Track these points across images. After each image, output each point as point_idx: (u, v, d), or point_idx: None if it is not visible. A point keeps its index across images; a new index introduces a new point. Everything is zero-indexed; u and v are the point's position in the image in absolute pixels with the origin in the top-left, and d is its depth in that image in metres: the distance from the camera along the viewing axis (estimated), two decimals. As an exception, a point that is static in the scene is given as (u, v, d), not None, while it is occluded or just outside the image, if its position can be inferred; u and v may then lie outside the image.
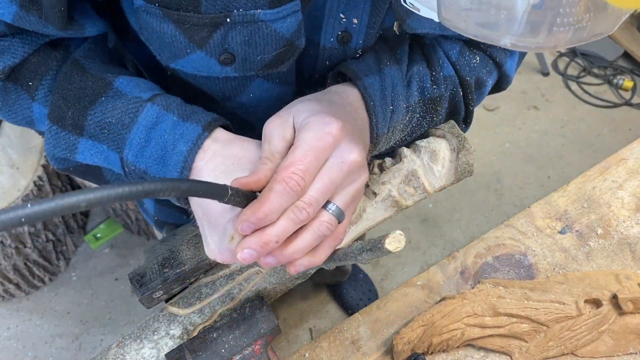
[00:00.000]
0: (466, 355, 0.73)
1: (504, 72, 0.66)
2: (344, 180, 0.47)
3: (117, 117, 0.51)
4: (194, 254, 0.61)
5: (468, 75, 0.62)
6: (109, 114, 0.52)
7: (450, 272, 0.81)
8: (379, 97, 0.54)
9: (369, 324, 0.77)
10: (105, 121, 0.52)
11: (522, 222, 0.86)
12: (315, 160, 0.44)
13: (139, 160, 0.51)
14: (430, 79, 0.60)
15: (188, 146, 0.49)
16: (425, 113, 0.61)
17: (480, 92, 0.66)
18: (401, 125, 0.59)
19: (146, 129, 0.51)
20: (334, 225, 0.47)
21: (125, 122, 0.51)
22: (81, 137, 0.53)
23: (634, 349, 0.74)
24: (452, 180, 0.61)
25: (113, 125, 0.51)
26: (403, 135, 0.61)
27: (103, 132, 0.52)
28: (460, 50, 0.62)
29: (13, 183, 1.57)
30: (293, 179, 0.43)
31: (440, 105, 0.61)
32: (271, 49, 0.51)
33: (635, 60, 2.42)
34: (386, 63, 0.57)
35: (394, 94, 0.56)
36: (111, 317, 1.85)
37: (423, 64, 0.61)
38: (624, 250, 0.83)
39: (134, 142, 0.51)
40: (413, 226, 2.01)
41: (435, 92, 0.60)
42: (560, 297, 0.73)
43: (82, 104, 0.52)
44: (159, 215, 0.85)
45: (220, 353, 0.58)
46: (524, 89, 2.40)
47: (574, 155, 2.21)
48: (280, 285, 0.63)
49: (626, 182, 0.90)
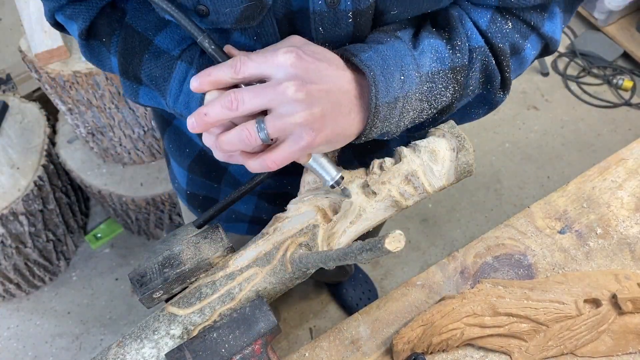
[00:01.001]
0: (466, 355, 0.74)
1: (544, 34, 0.64)
2: (278, 104, 0.52)
3: (159, 72, 0.63)
4: (194, 254, 0.61)
5: (501, 42, 0.62)
6: (154, 70, 0.63)
7: (450, 272, 0.81)
8: (379, 66, 0.55)
9: (369, 324, 0.77)
10: (152, 75, 0.64)
11: (522, 222, 0.86)
12: (255, 59, 0.53)
13: (176, 105, 0.63)
14: (448, 49, 0.60)
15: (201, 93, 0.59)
16: (448, 84, 0.60)
17: (519, 58, 0.65)
18: (419, 95, 0.59)
19: (178, 83, 0.62)
20: (253, 136, 0.53)
21: (165, 77, 0.63)
22: (141, 86, 0.66)
23: (633, 349, 0.74)
24: (452, 180, 0.61)
25: (158, 78, 0.64)
26: (424, 105, 0.60)
27: (153, 83, 0.64)
28: (491, 17, 0.62)
29: (13, 183, 1.57)
30: (234, 61, 0.53)
31: (463, 75, 0.61)
32: (237, 2, 0.55)
33: (634, 60, 2.42)
34: (386, 40, 0.58)
35: (403, 63, 0.57)
36: (111, 317, 1.85)
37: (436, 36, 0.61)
38: (623, 250, 0.83)
39: (172, 93, 0.63)
40: (413, 226, 2.01)
41: (457, 61, 0.60)
42: (559, 297, 0.73)
43: (135, 60, 0.64)
44: (191, 188, 0.90)
45: (220, 353, 0.59)
46: (523, 89, 2.41)
47: (574, 156, 2.21)
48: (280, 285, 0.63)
49: (626, 182, 0.90)
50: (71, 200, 1.87)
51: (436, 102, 0.61)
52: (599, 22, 2.47)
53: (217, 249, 0.62)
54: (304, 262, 0.58)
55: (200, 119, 0.54)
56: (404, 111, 0.58)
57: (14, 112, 1.70)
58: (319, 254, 0.56)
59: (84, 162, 1.72)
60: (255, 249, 0.62)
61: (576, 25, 2.59)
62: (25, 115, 1.70)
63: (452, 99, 0.62)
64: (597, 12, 2.44)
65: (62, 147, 1.74)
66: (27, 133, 1.66)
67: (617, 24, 2.46)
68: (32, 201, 1.60)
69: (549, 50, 0.68)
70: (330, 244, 0.61)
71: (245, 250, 0.62)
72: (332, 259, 0.54)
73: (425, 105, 0.61)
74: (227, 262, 0.62)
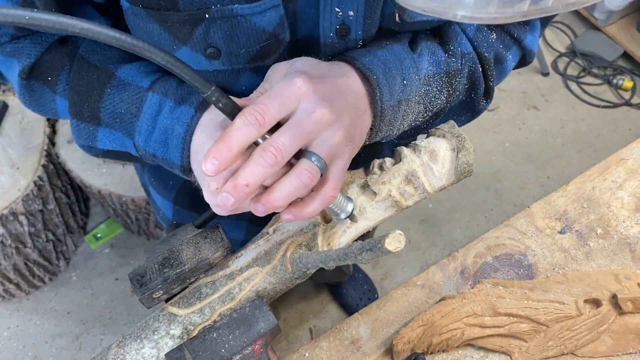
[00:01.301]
0: (466, 355, 0.73)
1: (525, 46, 0.66)
2: (318, 133, 0.48)
3: (125, 108, 0.56)
4: (194, 254, 0.61)
5: (486, 51, 0.62)
6: (118, 105, 0.56)
7: (450, 272, 0.81)
8: (382, 70, 0.55)
9: (369, 324, 0.77)
10: (116, 111, 0.56)
11: (522, 222, 0.86)
12: (274, 101, 0.46)
13: (148, 144, 0.55)
14: (444, 53, 0.60)
15: (184, 129, 0.53)
16: (442, 87, 0.61)
17: (501, 68, 0.66)
18: (417, 97, 0.59)
19: (151, 117, 0.55)
20: (314, 172, 0.47)
21: (133, 112, 0.56)
22: (99, 127, 0.57)
23: (633, 349, 0.74)
24: (452, 180, 0.61)
25: (123, 114, 0.56)
26: (420, 108, 0.61)
27: (116, 121, 0.56)
28: (477, 27, 0.62)
29: (13, 183, 1.57)
30: (252, 114, 0.45)
31: (456, 79, 0.61)
32: (254, 42, 0.52)
33: (635, 60, 2.42)
34: (386, 44, 0.58)
35: (403, 67, 0.56)
36: (111, 317, 1.85)
37: (432, 39, 0.61)
38: (623, 250, 0.83)
39: (142, 130, 0.55)
40: (413, 226, 2.01)
41: (452, 65, 0.60)
42: (560, 297, 0.73)
43: (93, 97, 0.56)
44: (177, 219, 0.86)
45: (220, 353, 0.59)
46: (523, 89, 2.41)
47: (574, 155, 2.21)
48: (280, 285, 0.63)
49: (626, 182, 0.90)
50: (71, 200, 1.86)
51: (431, 105, 0.61)
52: (599, 22, 2.47)
53: (217, 249, 0.62)
54: (304, 262, 0.58)
55: (240, 191, 0.45)
56: (405, 114, 0.59)
57: (14, 112, 1.70)
58: (319, 254, 0.56)
59: (83, 162, 1.72)
60: (255, 249, 0.62)
61: (576, 25, 2.58)
62: (25, 115, 1.70)
63: (446, 102, 0.62)
64: (597, 12, 2.44)
65: (62, 147, 1.74)
66: (27, 133, 1.66)
67: (618, 24, 2.46)
68: (32, 201, 1.60)
69: (524, 62, 0.70)
70: (330, 244, 0.61)
71: (245, 250, 0.62)
72: (332, 259, 0.54)
73: (421, 108, 0.61)
74: (227, 262, 0.62)
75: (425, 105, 0.61)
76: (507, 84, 2.41)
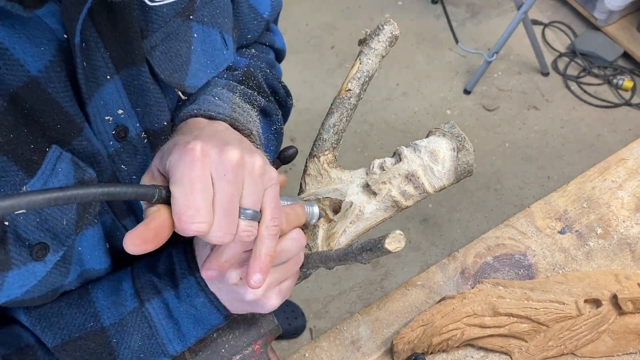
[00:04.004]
0: (466, 355, 0.73)
1: (278, 49, 0.77)
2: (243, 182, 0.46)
3: (139, 338, 0.54)
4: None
5: (260, 65, 0.70)
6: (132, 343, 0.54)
7: (450, 272, 0.81)
8: (238, 112, 0.57)
9: (369, 324, 0.77)
10: (134, 349, 0.54)
11: (522, 222, 0.86)
12: (196, 186, 0.44)
13: (187, 339, 0.55)
14: (248, 89, 0.65)
15: (202, 295, 0.54)
16: (253, 88, 0.66)
17: (275, 68, 0.76)
18: (262, 123, 0.64)
19: (167, 317, 0.55)
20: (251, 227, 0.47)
21: (149, 334, 0.54)
22: None
23: (633, 349, 0.74)
24: (452, 180, 0.61)
25: (141, 346, 0.54)
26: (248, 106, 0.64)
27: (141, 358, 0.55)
28: (240, 53, 0.70)
29: (13, 183, 1.57)
30: (187, 214, 0.43)
31: (253, 80, 0.66)
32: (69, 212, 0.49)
33: (635, 60, 2.42)
34: (211, 90, 0.60)
35: (242, 107, 0.60)
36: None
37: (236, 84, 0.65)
38: (623, 250, 0.83)
39: (170, 335, 0.55)
40: (413, 226, 2.01)
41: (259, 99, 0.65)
42: (560, 297, 0.73)
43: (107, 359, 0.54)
44: None
45: (220, 353, 0.59)
46: (523, 89, 2.40)
47: (574, 156, 2.21)
48: (280, 285, 0.63)
49: (626, 182, 0.90)
50: (71, 200, 1.86)
51: (257, 102, 0.64)
52: (599, 22, 2.47)
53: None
54: (304, 262, 0.58)
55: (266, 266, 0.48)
56: (247, 114, 0.61)
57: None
58: (319, 254, 0.56)
59: (84, 162, 1.72)
60: (255, 249, 0.62)
61: (576, 25, 2.58)
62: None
63: (264, 101, 0.66)
64: (597, 12, 2.44)
65: (62, 147, 1.73)
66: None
67: (618, 24, 2.46)
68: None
69: (280, 60, 0.80)
70: (330, 244, 0.61)
71: (245, 250, 0.62)
72: (332, 259, 0.54)
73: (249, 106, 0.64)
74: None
75: (252, 105, 0.63)
76: (507, 84, 2.41)
